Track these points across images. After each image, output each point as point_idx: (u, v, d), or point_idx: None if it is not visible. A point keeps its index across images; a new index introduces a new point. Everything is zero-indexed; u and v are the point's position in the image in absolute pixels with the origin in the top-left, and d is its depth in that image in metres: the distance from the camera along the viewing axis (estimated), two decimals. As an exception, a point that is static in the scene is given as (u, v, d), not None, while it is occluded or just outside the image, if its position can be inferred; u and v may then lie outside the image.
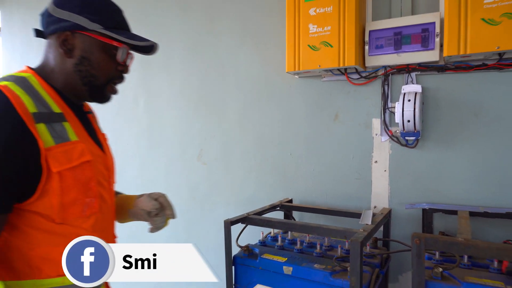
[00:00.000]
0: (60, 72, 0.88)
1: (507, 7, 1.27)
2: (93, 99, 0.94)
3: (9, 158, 0.74)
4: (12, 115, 0.74)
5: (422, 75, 1.57)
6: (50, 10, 0.87)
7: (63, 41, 0.86)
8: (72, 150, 0.83)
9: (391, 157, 1.64)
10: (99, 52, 0.89)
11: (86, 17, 0.86)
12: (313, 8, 1.63)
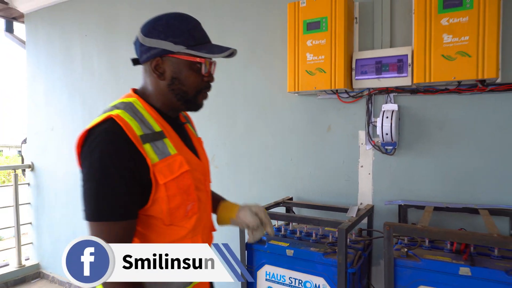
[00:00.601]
0: (157, 94, 1.01)
1: (460, 47, 1.62)
2: (188, 109, 1.07)
3: (130, 175, 0.88)
4: (126, 141, 0.88)
5: (398, 96, 1.93)
6: (140, 40, 0.99)
7: (155, 66, 0.98)
8: (173, 163, 0.95)
9: (374, 163, 2.00)
10: (186, 70, 0.99)
11: (170, 41, 0.96)
12: (310, 40, 1.98)
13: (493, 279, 1.30)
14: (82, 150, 0.90)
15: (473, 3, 1.60)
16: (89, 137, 0.89)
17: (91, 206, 0.87)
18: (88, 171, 0.88)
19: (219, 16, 2.52)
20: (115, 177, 0.87)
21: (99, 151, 0.86)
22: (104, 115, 0.91)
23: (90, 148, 0.88)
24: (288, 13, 2.03)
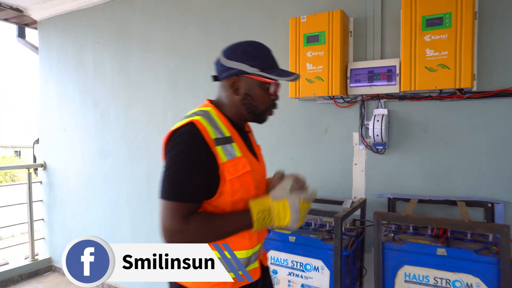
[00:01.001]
0: (230, 105, 1.21)
1: (441, 60, 1.87)
2: (254, 121, 1.25)
3: (202, 168, 1.08)
4: (202, 141, 1.09)
5: (388, 101, 2.17)
6: (222, 61, 1.20)
7: (232, 83, 1.18)
8: (238, 163, 1.14)
9: (366, 161, 2.25)
10: (258, 88, 1.19)
11: (247, 64, 1.16)
12: (310, 51, 2.22)
13: (464, 257, 1.54)
14: (167, 145, 1.12)
15: (451, 23, 1.85)
16: (173, 135, 1.12)
17: (166, 187, 1.08)
18: (169, 161, 1.10)
19: (226, 27, 2.76)
20: (190, 168, 1.08)
21: (181, 146, 1.09)
22: (186, 120, 1.13)
23: (174, 144, 1.10)
24: (290, 27, 2.27)
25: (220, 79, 1.23)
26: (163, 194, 1.08)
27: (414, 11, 1.93)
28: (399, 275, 1.68)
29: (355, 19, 2.27)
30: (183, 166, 1.08)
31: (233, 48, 1.20)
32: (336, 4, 2.30)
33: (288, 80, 1.20)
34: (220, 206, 1.14)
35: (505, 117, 1.91)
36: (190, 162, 1.08)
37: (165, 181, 1.09)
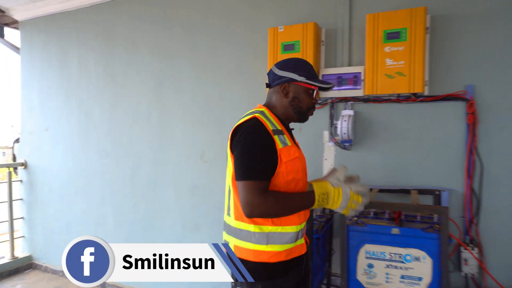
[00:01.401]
0: (280, 107, 1.50)
1: (398, 69, 2.17)
2: (298, 120, 1.53)
3: (268, 151, 1.35)
4: (266, 131, 1.37)
5: (354, 103, 2.46)
6: (275, 71, 1.50)
7: (283, 89, 1.47)
8: (289, 150, 1.41)
9: (335, 156, 2.53)
10: (303, 93, 1.48)
11: (296, 73, 1.46)
12: (286, 58, 2.48)
13: (413, 235, 1.84)
14: (236, 137, 1.39)
15: (407, 37, 2.16)
16: (240, 129, 1.39)
17: (245, 169, 1.33)
18: (242, 148, 1.35)
19: (210, 33, 2.98)
20: (261, 152, 1.35)
21: (251, 136, 1.36)
22: (248, 116, 1.42)
23: (244, 135, 1.36)
24: (269, 36, 2.52)
25: (272, 86, 1.52)
26: (244, 176, 1.34)
27: (377, 25, 2.23)
28: (361, 253, 1.96)
29: (327, 30, 2.55)
30: (256, 151, 1.35)
31: (285, 62, 1.51)
32: (310, 16, 2.58)
33: (327, 87, 1.48)
34: (276, 185, 1.38)
35: (450, 118, 2.24)
36: (261, 148, 1.36)
37: (243, 165, 1.35)
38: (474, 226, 2.21)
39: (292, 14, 2.65)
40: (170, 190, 3.21)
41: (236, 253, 1.45)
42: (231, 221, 1.48)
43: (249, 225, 1.41)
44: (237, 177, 1.36)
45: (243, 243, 1.43)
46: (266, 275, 1.41)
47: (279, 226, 1.39)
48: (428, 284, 1.85)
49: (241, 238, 1.44)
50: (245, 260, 1.42)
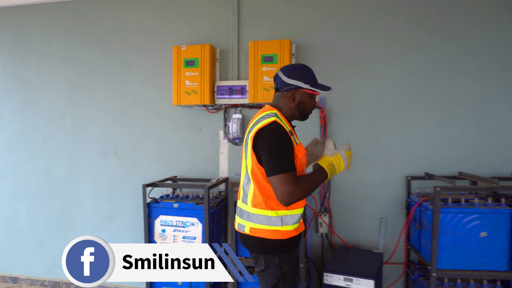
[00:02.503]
0: (287, 109, 1.74)
1: (273, 84, 2.90)
2: (301, 120, 1.79)
3: (290, 148, 1.60)
4: (286, 132, 1.62)
5: (242, 109, 3.15)
6: (283, 78, 1.71)
7: (291, 94, 1.70)
8: (300, 148, 1.69)
9: (229, 151, 3.19)
10: (307, 98, 1.73)
11: (301, 81, 1.69)
12: (188, 72, 3.04)
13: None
14: (261, 138, 1.60)
15: (278, 60, 2.89)
16: (264, 131, 1.60)
17: (277, 165, 1.55)
18: (270, 148, 1.57)
19: (122, 43, 3.39)
20: (287, 148, 1.60)
21: (277, 136, 1.59)
22: (270, 119, 1.63)
23: (269, 135, 1.58)
24: (173, 53, 3.06)
25: (280, 91, 1.75)
26: (277, 171, 1.55)
27: (256, 50, 2.93)
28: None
29: (221, 50, 3.19)
30: (283, 149, 1.59)
31: (291, 70, 1.73)
32: (208, 38, 3.19)
33: (328, 92, 1.75)
34: None
35: (310, 121, 3.04)
36: (286, 145, 1.61)
37: (275, 162, 1.56)
38: (326, 199, 3.06)
39: (193, 35, 3.23)
40: (86, 184, 3.55)
41: (252, 234, 1.72)
42: (248, 208, 1.74)
43: (266, 211, 1.68)
44: (269, 173, 1.58)
45: (260, 226, 1.70)
46: (282, 250, 1.71)
47: (290, 210, 1.70)
48: (201, 241, 2.63)
49: (258, 222, 1.70)
50: (262, 238, 1.70)
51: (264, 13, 3.14)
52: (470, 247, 2.40)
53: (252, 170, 1.69)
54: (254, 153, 1.66)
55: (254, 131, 1.65)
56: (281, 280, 1.72)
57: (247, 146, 1.72)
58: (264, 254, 1.72)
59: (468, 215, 2.40)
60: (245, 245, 1.82)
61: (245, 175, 1.77)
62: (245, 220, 1.76)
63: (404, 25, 2.94)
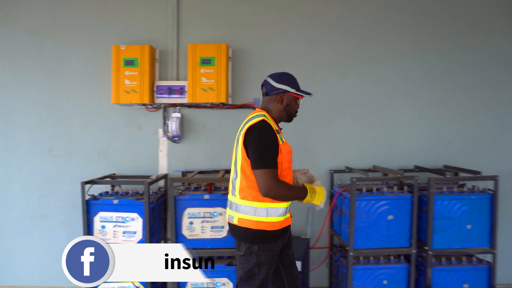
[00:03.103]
0: (275, 111, 1.97)
1: (210, 85, 3.08)
2: (287, 121, 2.02)
3: (277, 147, 1.82)
4: (273, 131, 1.84)
5: (181, 108, 3.30)
6: (272, 83, 1.94)
7: (280, 98, 1.94)
8: (286, 145, 1.91)
9: (168, 148, 3.31)
10: (293, 101, 1.98)
11: (288, 86, 1.95)
12: (127, 71, 3.11)
13: (216, 198, 2.77)
14: (251, 134, 1.82)
15: (215, 63, 3.09)
16: (254, 128, 1.82)
17: (262, 160, 1.77)
18: (259, 144, 1.79)
19: (58, 42, 3.33)
20: (273, 146, 1.82)
21: (265, 133, 1.82)
22: (258, 118, 1.86)
23: (258, 132, 1.81)
24: (112, 52, 3.10)
25: (270, 95, 1.98)
26: (261, 165, 1.78)
27: (195, 53, 3.10)
28: (185, 214, 2.80)
29: (160, 51, 3.30)
30: (270, 146, 1.82)
31: (279, 76, 1.98)
32: (147, 39, 3.28)
33: (309, 96, 2.03)
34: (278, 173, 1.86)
35: (245, 120, 3.30)
36: (273, 143, 1.83)
37: (261, 157, 1.79)
38: (260, 192, 3.33)
39: (132, 35, 3.30)
40: (16, 184, 3.42)
41: (240, 224, 1.92)
42: (237, 200, 1.94)
43: (253, 202, 1.88)
44: (255, 166, 1.80)
45: (247, 216, 1.89)
46: (263, 240, 1.89)
47: (275, 203, 1.89)
48: (225, 230, 2.82)
49: (245, 212, 1.90)
50: (247, 228, 1.89)
51: (202, 17, 3.32)
52: (380, 229, 2.82)
53: (242, 165, 1.89)
54: (244, 149, 1.87)
55: (245, 128, 1.87)
56: (256, 267, 1.90)
57: (238, 143, 1.93)
58: (246, 242, 1.91)
59: (379, 201, 2.82)
60: (232, 234, 2.02)
61: (234, 170, 1.97)
62: (234, 211, 1.96)
63: (327, 32, 3.33)
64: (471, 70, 3.39)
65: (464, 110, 3.41)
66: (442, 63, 3.38)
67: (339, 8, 3.36)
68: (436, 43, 3.37)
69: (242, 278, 1.96)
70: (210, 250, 2.79)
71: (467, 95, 3.40)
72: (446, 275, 2.89)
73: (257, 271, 1.92)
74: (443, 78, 3.39)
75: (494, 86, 3.41)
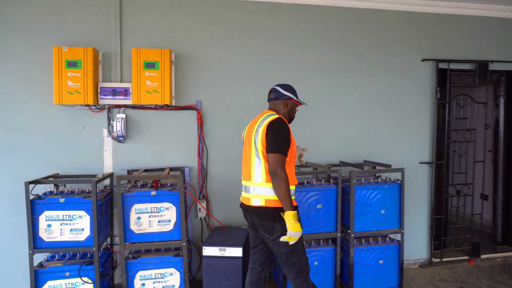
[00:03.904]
0: (281, 113, 2.47)
1: (154, 87, 3.25)
2: (289, 122, 2.44)
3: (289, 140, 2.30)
4: (288, 126, 2.34)
5: (126, 109, 3.42)
6: (280, 90, 2.48)
7: (286, 103, 2.49)
8: (293, 139, 2.36)
9: (113, 148, 3.42)
10: (294, 107, 2.55)
11: (292, 94, 2.51)
12: (70, 72, 3.16)
13: (163, 194, 2.97)
14: (270, 128, 2.27)
15: (159, 66, 3.26)
16: (273, 123, 2.29)
17: (277, 146, 2.23)
18: (277, 134, 2.26)
19: (7, 44, 3.27)
20: (287, 137, 2.29)
21: (282, 127, 2.29)
22: (276, 116, 2.34)
23: (277, 126, 2.28)
24: (54, 53, 3.13)
25: (279, 99, 2.50)
26: (276, 150, 2.23)
27: (139, 56, 3.24)
28: (132, 210, 2.95)
29: (103, 53, 3.38)
30: (284, 136, 2.29)
31: (286, 86, 2.53)
32: (90, 41, 3.35)
33: (305, 104, 2.64)
34: (287, 160, 2.31)
35: (189, 120, 3.52)
36: (287, 135, 2.30)
37: (276, 143, 2.24)
38: (204, 188, 3.58)
39: (74, 37, 3.34)
40: None
41: (268, 205, 2.29)
42: (262, 184, 2.32)
43: None
44: (270, 150, 2.24)
45: (272, 196, 2.28)
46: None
47: (291, 185, 2.32)
48: (174, 223, 3.03)
49: (272, 193, 2.28)
50: (276, 207, 2.28)
51: (145, 23, 3.46)
52: (310, 217, 3.23)
53: (263, 153, 2.31)
54: (265, 139, 2.29)
55: (266, 124, 2.32)
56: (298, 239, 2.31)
57: (257, 137, 2.34)
58: (280, 220, 2.26)
59: (309, 193, 3.22)
60: (261, 217, 2.32)
61: (255, 160, 2.37)
62: (260, 194, 2.33)
63: (262, 41, 3.66)
64: (381, 82, 3.96)
65: (378, 114, 3.97)
66: (358, 77, 3.90)
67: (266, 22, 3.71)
68: (356, 61, 3.89)
69: (288, 253, 2.31)
70: (158, 243, 2.99)
71: (380, 102, 3.97)
72: (365, 253, 3.38)
73: (298, 240, 2.30)
74: (361, 89, 3.92)
75: (399, 94, 4.01)
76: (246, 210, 2.44)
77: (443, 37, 4.06)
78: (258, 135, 2.33)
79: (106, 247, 3.33)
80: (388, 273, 3.42)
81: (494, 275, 3.89)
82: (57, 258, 3.00)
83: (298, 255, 2.34)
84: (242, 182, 2.50)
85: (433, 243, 4.14)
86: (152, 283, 2.99)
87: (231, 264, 2.94)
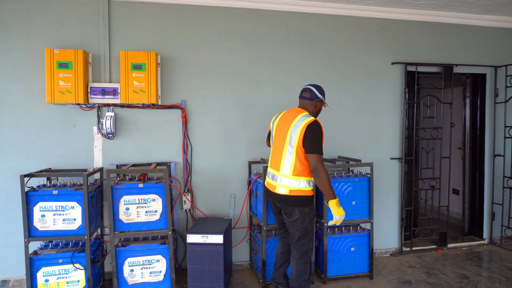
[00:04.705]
0: (311, 112, 2.88)
1: (142, 88, 3.48)
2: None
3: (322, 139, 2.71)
4: (322, 128, 2.72)
5: (115, 108, 3.64)
6: (316, 92, 2.86)
7: (317, 104, 2.89)
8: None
9: (102, 144, 3.64)
10: (321, 107, 2.93)
11: (323, 97, 2.92)
12: (62, 73, 3.37)
13: (149, 187, 3.20)
14: (309, 130, 2.65)
15: (146, 68, 3.50)
16: (311, 125, 2.66)
17: (316, 148, 2.63)
18: (316, 136, 2.65)
19: (-16, 43, 3.45)
20: (322, 139, 2.69)
21: (319, 129, 2.69)
22: (311, 118, 2.72)
23: (315, 128, 2.67)
24: (46, 55, 3.33)
25: (313, 100, 2.86)
26: (315, 151, 2.63)
27: (127, 59, 3.47)
28: (121, 201, 3.18)
29: (93, 55, 3.60)
30: (321, 138, 2.68)
31: (319, 88, 2.89)
32: (81, 43, 3.56)
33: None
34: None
35: (174, 119, 3.76)
36: (322, 136, 2.69)
37: (316, 145, 2.63)
38: (189, 182, 3.82)
39: (64, 39, 3.55)
40: None
41: (291, 194, 2.74)
42: (289, 176, 2.74)
43: (302, 177, 2.74)
44: (310, 151, 2.63)
45: (297, 187, 2.74)
46: (310, 202, 2.83)
47: (311, 178, 2.77)
48: (161, 213, 3.26)
49: (295, 185, 2.74)
50: (299, 196, 2.74)
51: (132, 27, 3.69)
52: (287, 207, 3.49)
53: (297, 150, 2.70)
54: (302, 140, 2.66)
55: (304, 125, 2.67)
56: (309, 223, 2.84)
57: (294, 134, 2.70)
58: (299, 206, 2.76)
59: (286, 185, 3.49)
60: (283, 202, 2.81)
61: (286, 154, 2.77)
62: (286, 185, 2.77)
63: (242, 44, 3.92)
64: (358, 84, 4.26)
65: (354, 113, 4.27)
66: (337, 77, 4.19)
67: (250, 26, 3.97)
68: (335, 64, 4.17)
69: (300, 236, 2.82)
70: (145, 232, 3.22)
71: (356, 102, 4.26)
72: (338, 241, 3.67)
73: (310, 226, 2.86)
74: (337, 89, 4.20)
75: (373, 95, 4.31)
76: (270, 196, 2.96)
77: (412, 42, 4.39)
78: (296, 133, 2.71)
79: (96, 237, 3.55)
80: (359, 259, 3.72)
81: (458, 261, 4.23)
82: (51, 247, 3.22)
83: (308, 239, 2.87)
84: (269, 169, 2.99)
85: (403, 234, 4.46)
86: (140, 269, 3.23)
87: (213, 250, 3.20)
